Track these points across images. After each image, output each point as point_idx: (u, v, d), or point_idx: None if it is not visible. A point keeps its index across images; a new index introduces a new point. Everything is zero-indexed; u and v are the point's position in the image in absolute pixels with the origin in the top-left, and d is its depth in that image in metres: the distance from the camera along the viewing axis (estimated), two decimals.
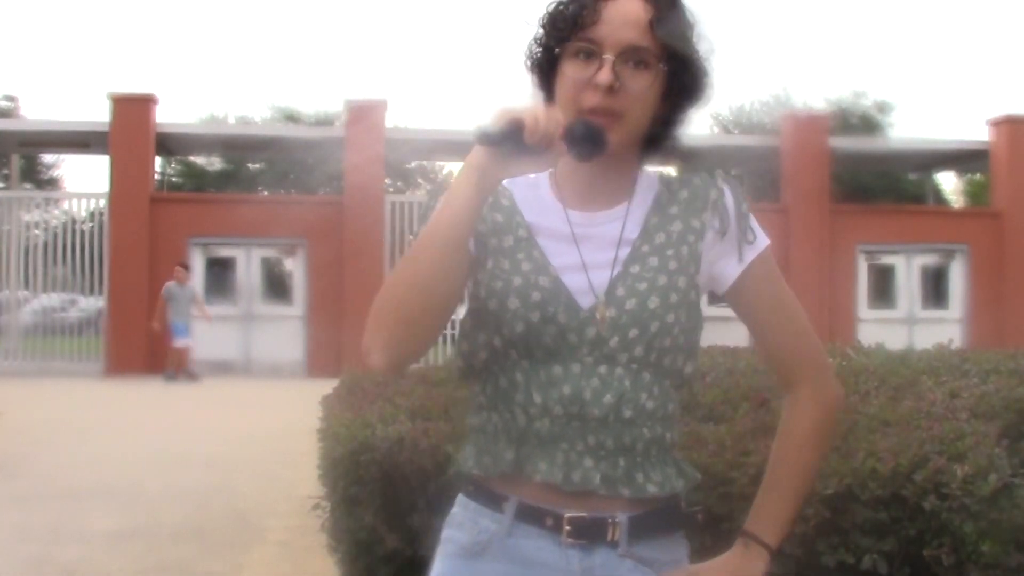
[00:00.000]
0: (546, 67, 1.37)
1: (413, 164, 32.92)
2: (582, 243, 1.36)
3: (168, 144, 19.40)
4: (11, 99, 36.09)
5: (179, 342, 15.07)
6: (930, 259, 18.50)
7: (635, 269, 1.35)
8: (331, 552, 3.60)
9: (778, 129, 19.42)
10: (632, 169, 1.41)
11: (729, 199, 1.41)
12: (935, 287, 18.57)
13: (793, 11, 69.33)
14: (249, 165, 32.30)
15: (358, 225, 16.54)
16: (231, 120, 35.78)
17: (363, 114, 17.01)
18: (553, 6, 1.35)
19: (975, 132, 24.52)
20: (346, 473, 2.98)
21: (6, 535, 5.35)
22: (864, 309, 18.03)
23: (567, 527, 1.31)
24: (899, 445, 2.55)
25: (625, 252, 1.36)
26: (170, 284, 15.20)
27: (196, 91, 65.70)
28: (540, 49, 1.37)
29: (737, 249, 1.39)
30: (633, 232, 1.38)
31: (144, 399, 12.81)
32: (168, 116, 39.92)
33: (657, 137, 1.39)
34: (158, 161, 23.19)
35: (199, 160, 32.95)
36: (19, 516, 5.81)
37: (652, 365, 1.33)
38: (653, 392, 1.33)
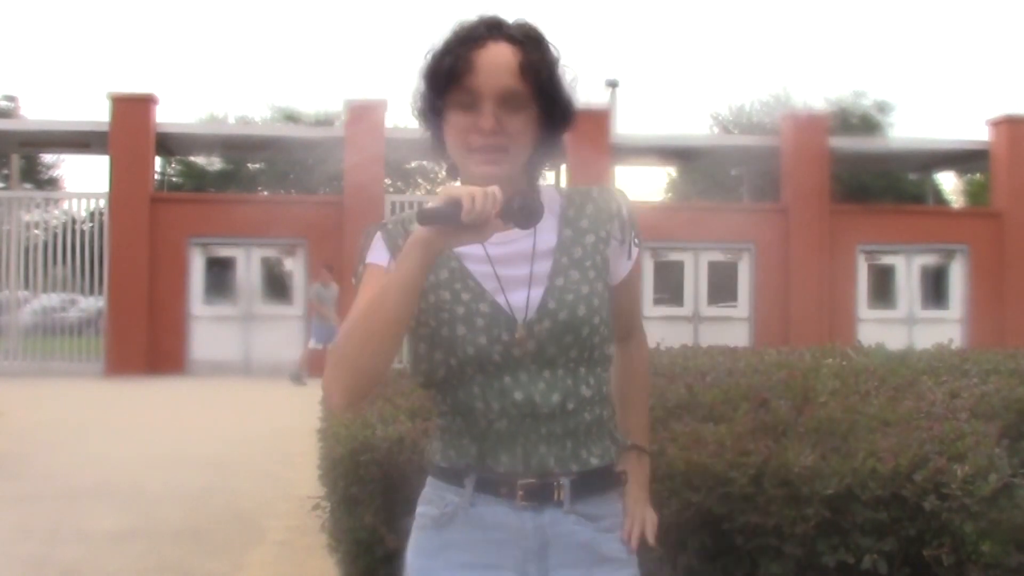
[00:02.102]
0: (432, 117, 1.54)
1: (413, 164, 32.92)
2: (500, 263, 1.55)
3: (168, 144, 19.38)
4: (11, 99, 36.21)
5: (317, 344, 14.67)
6: (930, 259, 18.48)
7: (560, 282, 1.54)
8: (331, 552, 3.60)
9: (778, 129, 19.39)
10: (529, 188, 1.58)
11: (625, 211, 1.63)
12: (935, 287, 18.55)
13: (793, 11, 69.32)
14: (249, 165, 32.31)
15: (358, 225, 16.47)
16: (231, 120, 35.83)
17: (363, 114, 17.00)
18: (430, 61, 1.50)
19: (975, 132, 24.55)
20: (346, 473, 2.98)
21: (6, 535, 5.35)
22: (864, 309, 18.01)
23: (520, 492, 1.52)
24: (899, 445, 2.55)
25: (546, 265, 1.55)
26: (316, 285, 15.09)
27: (196, 91, 65.78)
28: (424, 101, 1.53)
29: (628, 251, 1.64)
30: (547, 243, 1.57)
31: (144, 399, 12.80)
32: (168, 116, 40.06)
33: (540, 157, 1.58)
34: (158, 161, 23.20)
35: (199, 160, 32.95)
36: (19, 516, 5.81)
37: (586, 361, 1.54)
38: (589, 382, 1.55)
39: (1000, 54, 70.55)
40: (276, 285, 17.68)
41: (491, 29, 1.48)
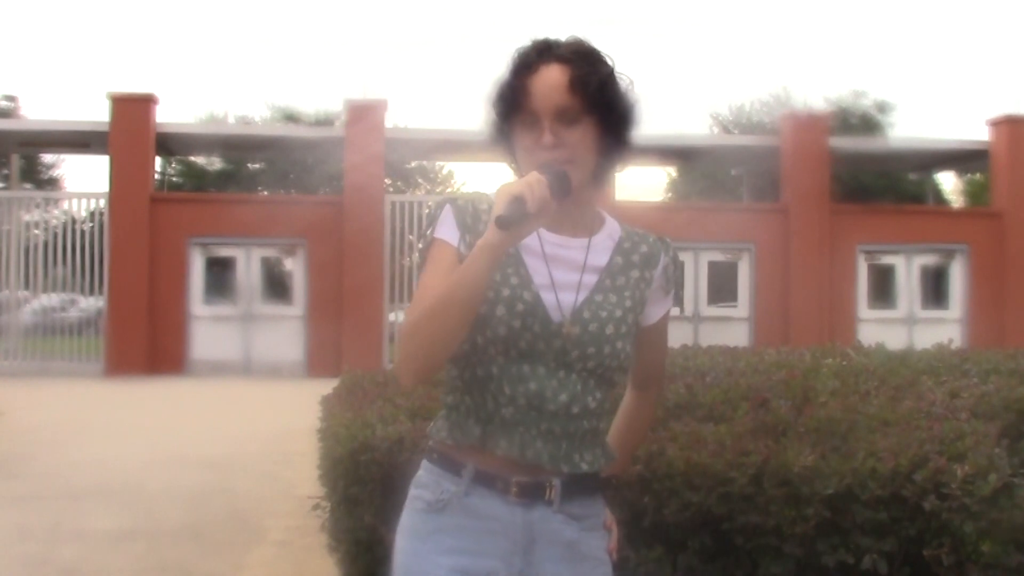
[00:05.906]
0: (504, 140, 1.67)
1: (413, 164, 32.91)
2: (553, 262, 1.66)
3: (168, 144, 19.38)
4: (11, 99, 36.11)
5: None
6: (930, 259, 18.48)
7: (599, 298, 1.66)
8: (331, 552, 3.60)
9: (778, 129, 19.40)
10: (592, 201, 1.71)
11: (672, 265, 1.76)
12: (935, 287, 18.55)
13: (793, 11, 69.30)
14: (249, 165, 32.28)
15: (358, 225, 16.53)
16: (231, 120, 35.77)
17: (363, 114, 17.01)
18: (493, 92, 1.64)
19: (975, 132, 24.52)
20: (346, 473, 2.98)
21: (6, 535, 5.35)
22: (864, 309, 18.01)
23: (514, 488, 1.62)
24: (899, 445, 2.55)
25: (592, 279, 1.66)
26: None
27: (196, 91, 65.67)
28: (494, 127, 1.66)
29: (668, 304, 1.78)
30: (598, 261, 1.68)
31: (144, 399, 12.80)
32: (168, 116, 39.95)
33: (606, 163, 1.68)
34: (158, 161, 23.18)
35: (199, 160, 32.92)
36: (19, 516, 5.81)
37: (598, 376, 1.64)
38: (595, 395, 1.65)
39: (1000, 54, 70.54)
40: (276, 285, 17.68)
41: (541, 53, 1.61)
